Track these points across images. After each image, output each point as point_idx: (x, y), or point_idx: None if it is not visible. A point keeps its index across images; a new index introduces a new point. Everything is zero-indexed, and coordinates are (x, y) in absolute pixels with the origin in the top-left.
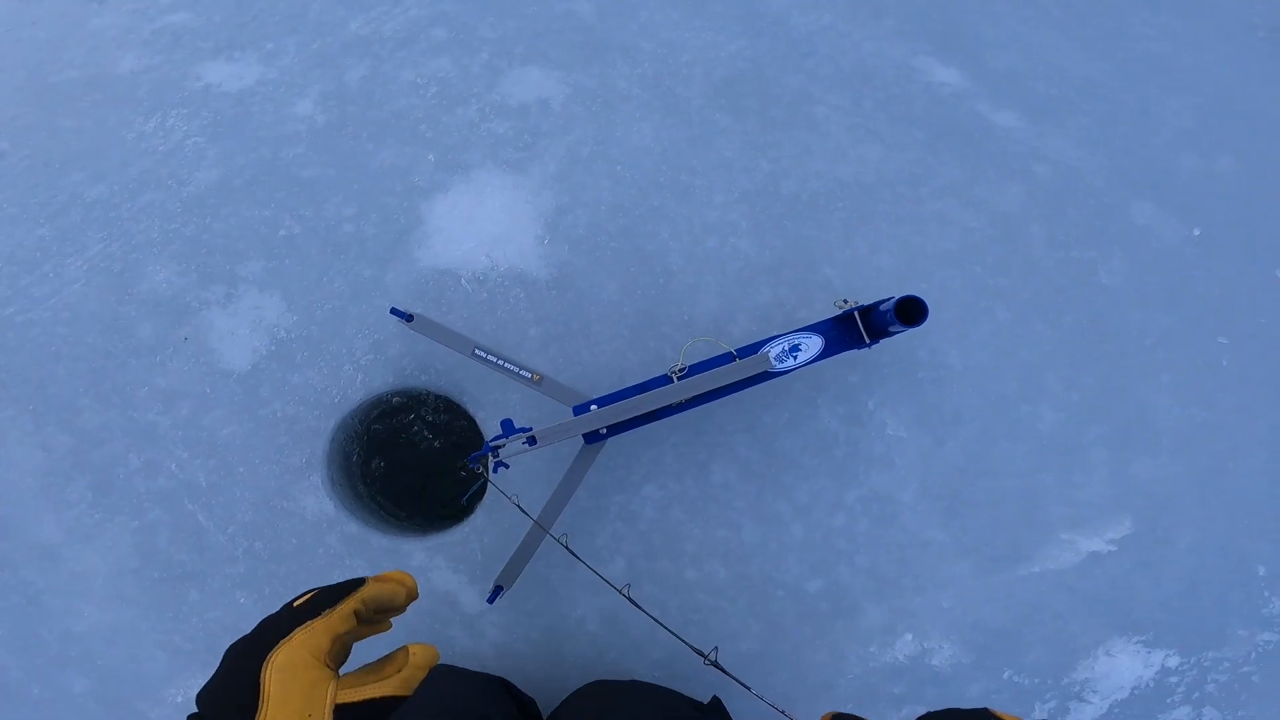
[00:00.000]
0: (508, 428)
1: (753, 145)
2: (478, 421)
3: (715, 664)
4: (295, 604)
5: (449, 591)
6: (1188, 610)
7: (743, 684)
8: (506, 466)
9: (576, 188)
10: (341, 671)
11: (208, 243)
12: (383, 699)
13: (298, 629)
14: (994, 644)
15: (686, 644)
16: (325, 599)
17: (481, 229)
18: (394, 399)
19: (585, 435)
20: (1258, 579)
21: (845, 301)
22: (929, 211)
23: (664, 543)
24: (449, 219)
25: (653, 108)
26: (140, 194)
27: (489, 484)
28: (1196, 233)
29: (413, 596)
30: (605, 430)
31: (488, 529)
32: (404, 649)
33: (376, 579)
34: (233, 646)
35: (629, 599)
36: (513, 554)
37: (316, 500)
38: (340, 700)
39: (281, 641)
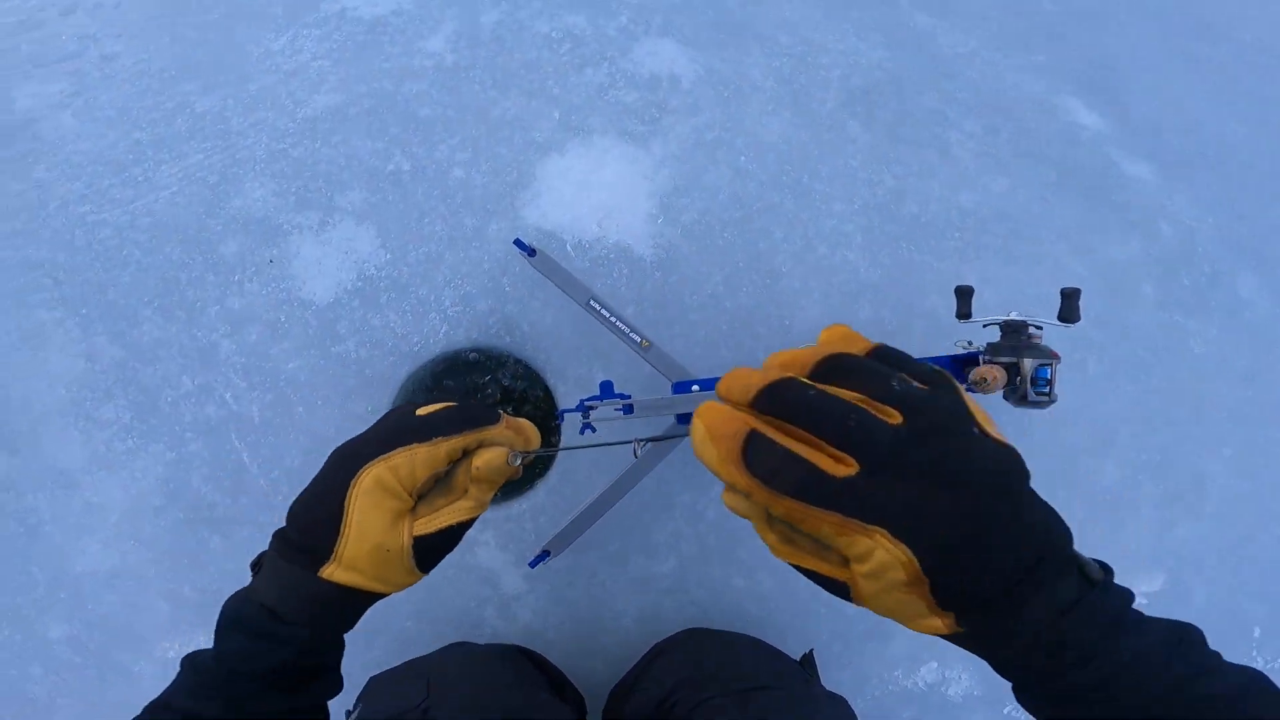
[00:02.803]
0: (606, 390)
1: (879, 158)
2: (556, 394)
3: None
4: (417, 412)
5: (491, 570)
6: None
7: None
8: (593, 430)
9: (696, 171)
10: None
11: (312, 167)
12: (458, 525)
13: (399, 450)
14: (1004, 681)
15: None
16: (448, 422)
17: (594, 197)
18: (471, 354)
19: (678, 415)
20: (1252, 639)
21: (969, 344)
22: (1043, 253)
23: (719, 546)
24: (563, 181)
25: (784, 103)
26: (254, 110)
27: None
28: None
29: (516, 473)
30: None
31: (546, 508)
32: (467, 461)
33: (507, 426)
34: (338, 450)
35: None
36: (570, 521)
37: None
38: (417, 533)
39: (378, 459)
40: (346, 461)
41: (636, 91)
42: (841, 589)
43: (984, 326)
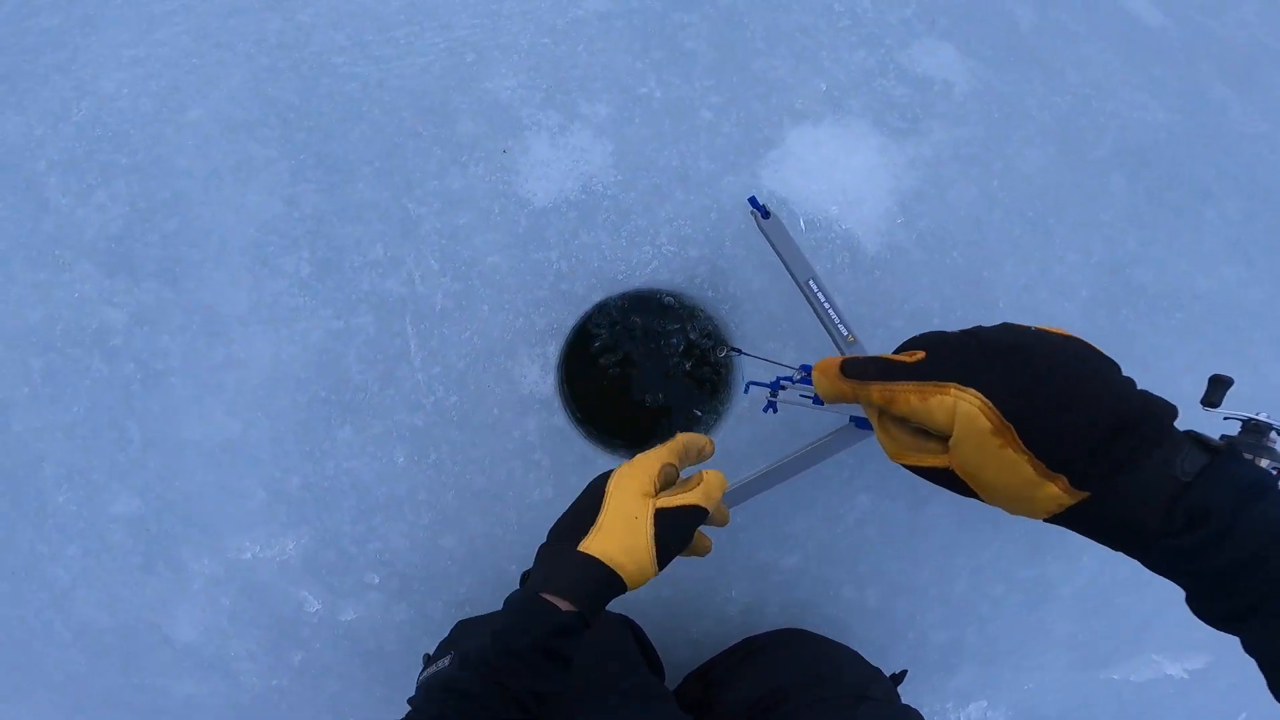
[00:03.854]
0: (806, 373)
1: (1130, 219)
2: (738, 363)
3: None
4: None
5: None
6: None
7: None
8: (775, 410)
9: (945, 182)
10: None
11: (568, 70)
12: (690, 506)
13: (638, 455)
14: None
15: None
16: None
17: (839, 178)
18: (667, 298)
19: (857, 420)
20: None
21: None
22: (1251, 354)
23: (844, 554)
24: (811, 153)
25: (1052, 139)
26: None
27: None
28: None
29: (712, 451)
30: None
31: None
32: (700, 473)
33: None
34: (591, 483)
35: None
36: None
37: (540, 373)
38: (658, 505)
39: (623, 465)
40: (599, 478)
41: (905, 87)
42: (952, 480)
43: (1224, 419)
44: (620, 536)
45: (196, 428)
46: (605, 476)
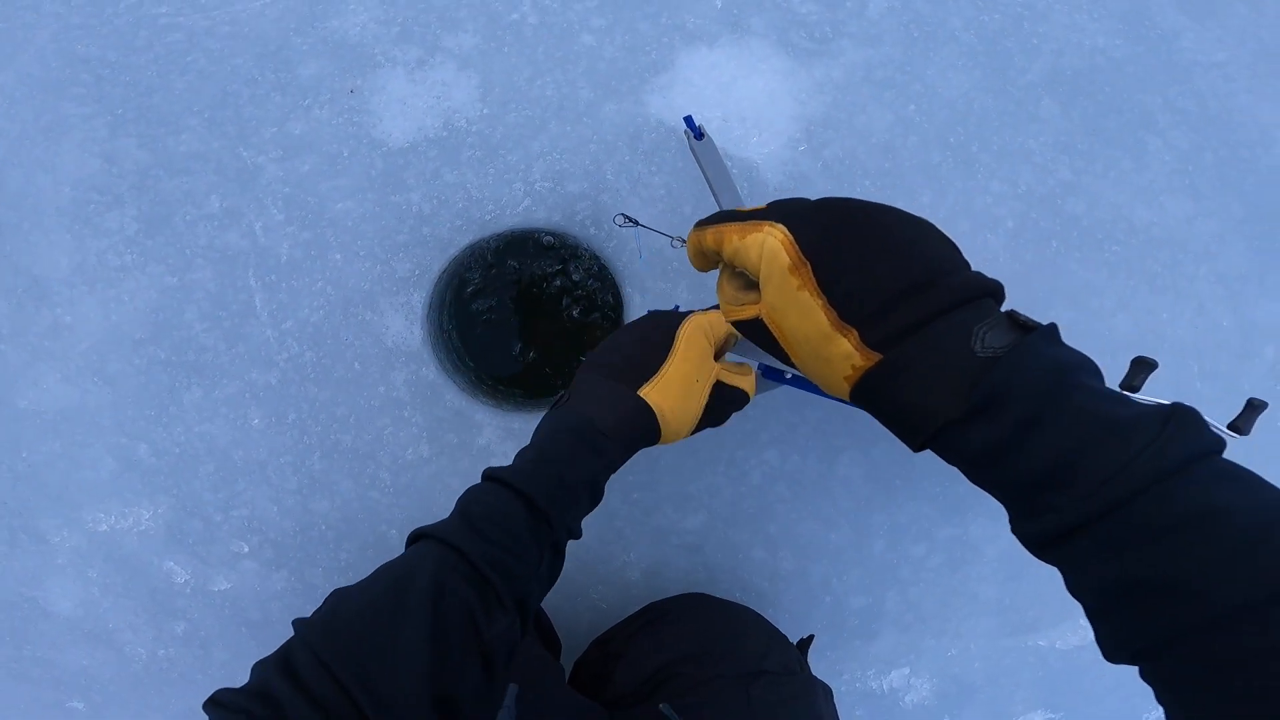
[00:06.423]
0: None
1: (1063, 147)
2: (629, 304)
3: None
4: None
5: None
6: (1101, 700)
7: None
8: None
9: (855, 107)
10: None
11: (428, 1)
12: (743, 392)
13: (710, 309)
14: (957, 695)
15: None
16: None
17: (734, 103)
18: (546, 238)
19: (766, 369)
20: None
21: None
22: (1196, 292)
23: (753, 513)
24: (704, 77)
25: (977, 61)
26: None
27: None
28: None
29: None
30: (790, 375)
31: None
32: (746, 364)
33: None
34: (642, 317)
35: None
36: None
37: (405, 324)
38: (720, 376)
39: (693, 314)
40: (676, 314)
41: (814, 4)
42: (767, 335)
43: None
44: (678, 395)
45: (32, 396)
46: (678, 317)
